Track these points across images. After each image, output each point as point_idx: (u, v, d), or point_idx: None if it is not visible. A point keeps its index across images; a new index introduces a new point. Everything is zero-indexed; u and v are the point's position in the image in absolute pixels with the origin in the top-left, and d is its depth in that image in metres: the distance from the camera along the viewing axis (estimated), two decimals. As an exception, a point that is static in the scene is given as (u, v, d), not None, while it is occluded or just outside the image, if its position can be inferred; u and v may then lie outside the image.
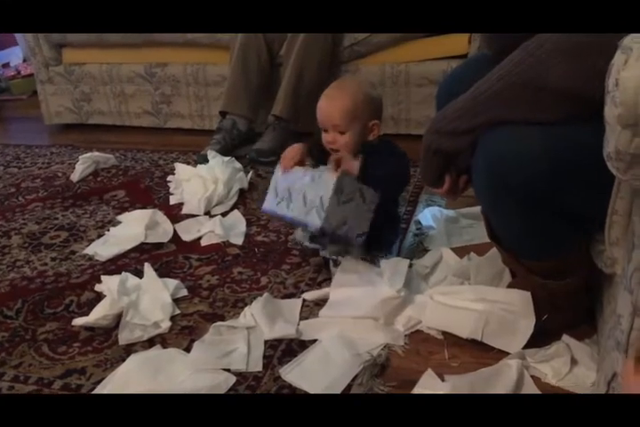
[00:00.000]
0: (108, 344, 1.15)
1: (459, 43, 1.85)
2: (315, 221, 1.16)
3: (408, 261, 1.19)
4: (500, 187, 0.84)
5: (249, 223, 1.55)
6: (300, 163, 1.24)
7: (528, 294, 1.00)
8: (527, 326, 1.00)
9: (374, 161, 1.18)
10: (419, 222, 1.44)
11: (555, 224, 0.87)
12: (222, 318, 1.19)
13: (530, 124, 0.79)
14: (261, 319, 1.14)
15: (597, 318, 1.04)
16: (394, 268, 1.16)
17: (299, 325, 1.15)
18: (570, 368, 0.97)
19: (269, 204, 1.26)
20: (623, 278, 0.81)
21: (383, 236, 1.26)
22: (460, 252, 1.28)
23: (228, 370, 1.05)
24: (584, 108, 0.75)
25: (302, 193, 1.19)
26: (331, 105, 1.20)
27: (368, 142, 1.22)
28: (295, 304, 1.20)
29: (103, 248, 1.47)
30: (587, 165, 0.76)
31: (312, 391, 0.98)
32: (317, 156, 1.27)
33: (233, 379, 1.03)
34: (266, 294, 1.22)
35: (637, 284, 0.75)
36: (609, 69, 0.63)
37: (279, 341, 1.11)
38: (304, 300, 1.21)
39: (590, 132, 0.70)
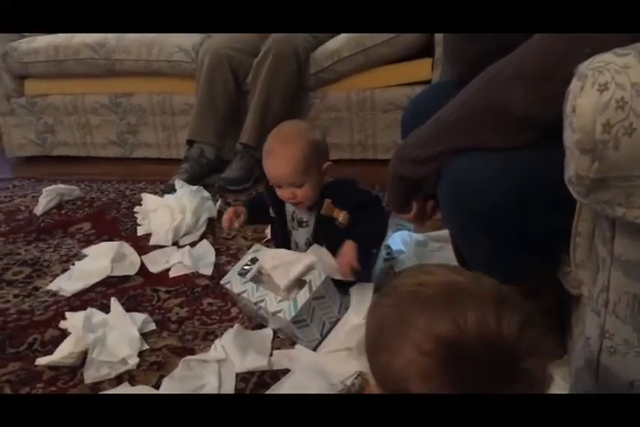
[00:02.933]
0: (73, 384, 1.11)
1: (422, 69, 1.89)
2: (284, 314, 1.09)
3: (372, 285, 1.18)
4: (465, 213, 0.84)
5: (218, 253, 1.53)
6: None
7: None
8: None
9: (358, 220, 1.18)
10: (388, 247, 1.44)
11: (521, 247, 0.87)
12: (192, 352, 1.16)
13: (492, 151, 0.80)
14: (232, 352, 1.12)
15: (567, 338, 1.04)
16: (360, 295, 1.15)
17: (271, 355, 1.13)
18: (543, 390, 0.97)
19: (235, 281, 1.21)
20: (590, 300, 0.81)
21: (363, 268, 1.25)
22: (431, 276, 1.28)
23: (199, 406, 1.02)
24: (545, 131, 0.76)
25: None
26: (279, 164, 1.15)
27: (327, 184, 1.21)
28: (267, 335, 1.18)
29: (68, 283, 1.43)
30: (550, 189, 0.76)
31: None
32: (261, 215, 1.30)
33: (204, 415, 1.00)
34: (236, 326, 1.20)
35: (603, 306, 0.76)
36: (566, 95, 0.65)
37: (251, 373, 1.09)
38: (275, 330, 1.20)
39: (552, 155, 0.71)
